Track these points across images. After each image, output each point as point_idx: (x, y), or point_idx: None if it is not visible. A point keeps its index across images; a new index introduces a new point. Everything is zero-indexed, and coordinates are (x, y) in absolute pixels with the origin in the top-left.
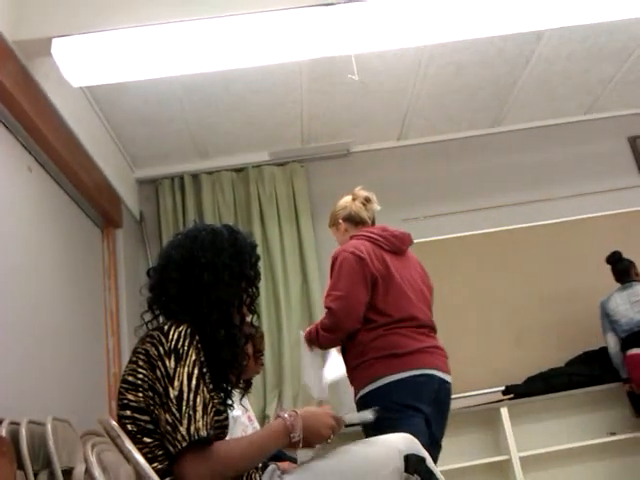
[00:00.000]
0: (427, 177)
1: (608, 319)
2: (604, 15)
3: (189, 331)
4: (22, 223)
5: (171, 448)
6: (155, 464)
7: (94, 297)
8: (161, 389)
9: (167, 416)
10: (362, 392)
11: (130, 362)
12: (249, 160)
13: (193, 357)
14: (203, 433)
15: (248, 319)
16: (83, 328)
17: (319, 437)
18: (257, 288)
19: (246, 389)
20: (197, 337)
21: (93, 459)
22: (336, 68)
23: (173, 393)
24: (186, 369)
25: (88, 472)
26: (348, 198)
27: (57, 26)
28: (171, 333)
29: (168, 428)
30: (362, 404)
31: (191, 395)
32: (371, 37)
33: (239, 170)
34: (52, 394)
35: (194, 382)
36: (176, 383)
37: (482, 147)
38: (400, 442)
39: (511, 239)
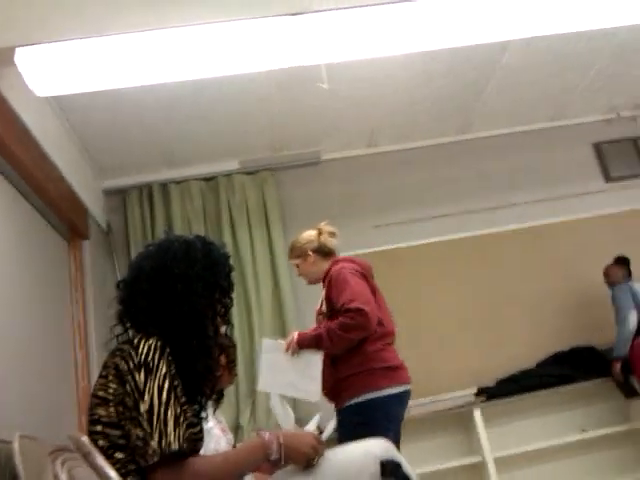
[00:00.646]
0: (398, 184)
1: (635, 299)
2: (568, 26)
3: (159, 344)
4: None
5: (143, 462)
6: (128, 479)
7: (61, 310)
8: (131, 403)
9: (138, 431)
10: (358, 399)
11: (100, 377)
12: (219, 169)
13: (163, 370)
14: (175, 447)
15: (222, 330)
16: (50, 342)
17: (301, 455)
18: (231, 299)
19: (218, 400)
20: (167, 350)
21: (64, 476)
22: (306, 77)
23: (144, 407)
24: (156, 382)
25: None
26: (313, 232)
27: (20, 35)
28: (141, 346)
29: (139, 443)
30: (354, 411)
31: (162, 409)
32: (340, 46)
33: (209, 179)
34: (19, 410)
35: (165, 395)
36: (146, 397)
37: (451, 154)
38: (376, 447)
39: (479, 244)
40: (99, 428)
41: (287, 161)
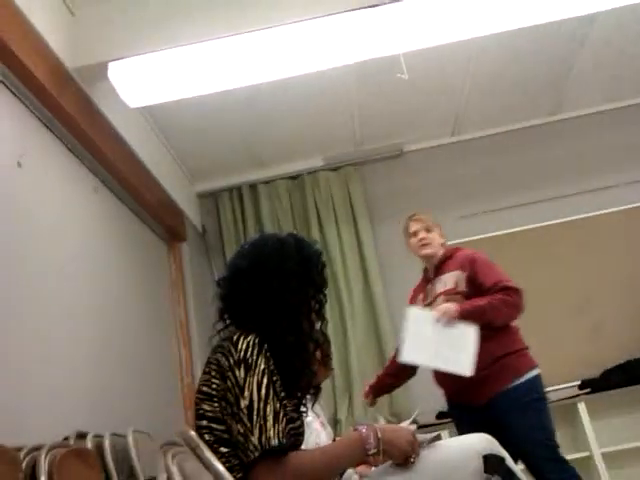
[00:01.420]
0: (484, 172)
1: None
2: None
3: (257, 340)
4: (90, 242)
5: (244, 458)
6: (233, 474)
7: (164, 310)
8: (232, 399)
9: (239, 426)
10: (527, 376)
11: (204, 373)
12: (304, 167)
13: (262, 366)
14: (274, 442)
15: (317, 326)
16: (155, 341)
17: (400, 451)
18: (325, 295)
19: (316, 395)
20: (265, 346)
21: (174, 469)
22: (384, 68)
23: (244, 403)
24: (255, 378)
25: None
26: None
27: (112, 50)
28: (240, 343)
29: (240, 438)
30: (527, 387)
31: (261, 404)
32: (418, 35)
33: (294, 177)
34: (130, 408)
35: (264, 391)
36: (246, 393)
37: (540, 137)
38: (477, 443)
39: (582, 228)
40: (204, 423)
41: (370, 155)
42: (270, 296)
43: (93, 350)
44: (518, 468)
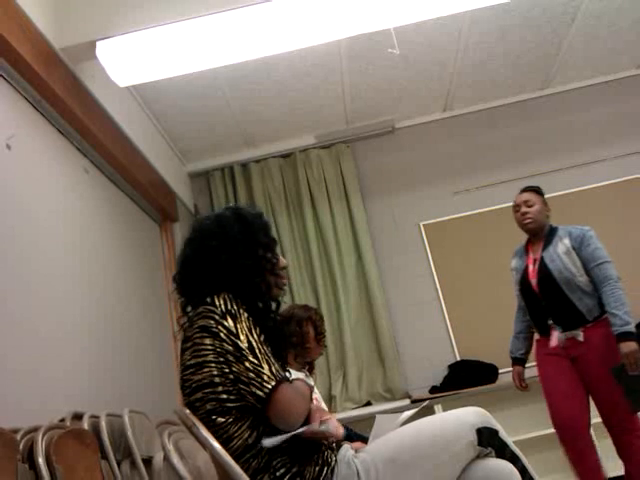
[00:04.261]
0: (476, 147)
1: None
2: None
3: (231, 296)
4: (82, 223)
5: (260, 392)
6: (232, 443)
7: (158, 290)
8: (231, 347)
9: (247, 364)
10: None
11: (185, 350)
12: (295, 145)
13: (245, 314)
14: (283, 373)
15: (275, 284)
16: (150, 321)
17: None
18: (275, 253)
19: (310, 371)
20: (239, 300)
21: (171, 447)
22: (374, 44)
23: (244, 345)
24: (245, 324)
25: (167, 459)
26: None
27: (99, 29)
28: (216, 301)
29: (251, 375)
30: None
31: (259, 345)
32: (409, 8)
33: (286, 156)
34: (125, 388)
35: (255, 335)
36: (242, 337)
37: (532, 111)
38: (472, 416)
39: (574, 202)
40: (199, 395)
41: (361, 132)
42: (224, 269)
43: (86, 332)
44: (511, 441)
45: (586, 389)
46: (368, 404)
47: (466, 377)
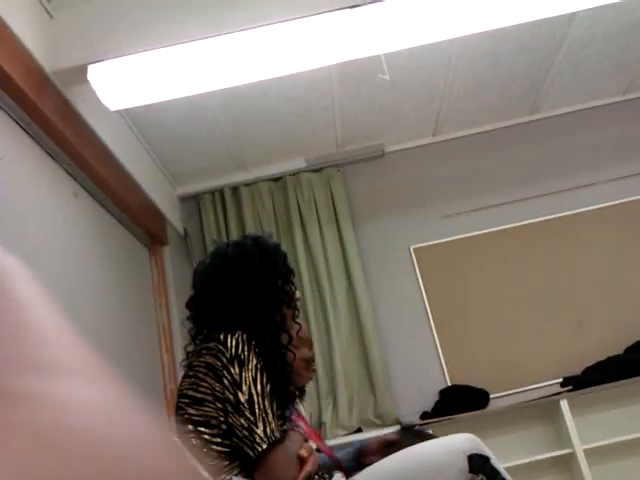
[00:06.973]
0: (465, 171)
1: None
2: None
3: (245, 337)
4: (71, 247)
5: (251, 452)
6: (221, 476)
7: (146, 315)
8: (231, 397)
9: (242, 420)
10: None
11: (187, 377)
12: (286, 168)
13: (254, 362)
14: (277, 434)
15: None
16: (138, 346)
17: None
18: (293, 283)
19: (301, 397)
20: (253, 342)
21: None
22: (365, 69)
23: (244, 397)
24: (250, 374)
25: None
26: None
27: (91, 53)
28: (229, 341)
29: (245, 432)
30: None
31: (260, 399)
32: (399, 35)
33: (277, 179)
34: None
35: (259, 387)
36: (244, 388)
37: (521, 135)
38: (463, 442)
39: (561, 227)
40: (190, 427)
41: (352, 156)
42: (245, 298)
43: None
44: (502, 467)
45: None
46: (359, 430)
47: (457, 402)
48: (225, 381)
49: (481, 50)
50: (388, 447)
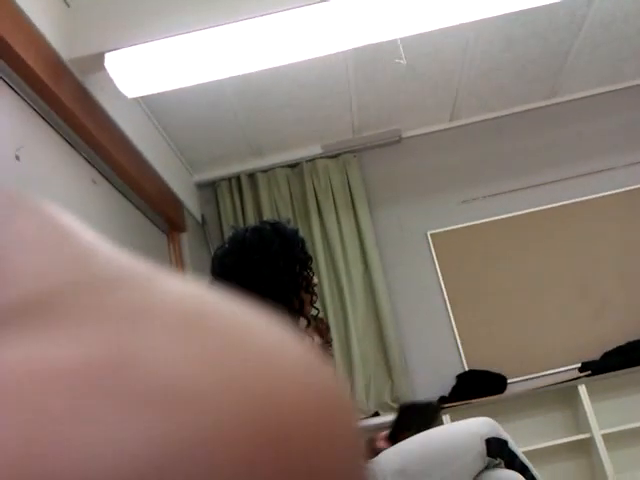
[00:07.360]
0: (483, 156)
1: None
2: None
3: None
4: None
5: None
6: None
7: None
8: None
9: None
10: None
11: None
12: (302, 155)
13: None
14: None
15: (308, 301)
16: None
17: None
18: (311, 269)
19: None
20: None
21: None
22: (381, 54)
23: None
24: None
25: None
26: None
27: (108, 40)
28: None
29: None
30: None
31: None
32: (415, 19)
33: (293, 166)
34: None
35: None
36: None
37: (539, 120)
38: (481, 426)
39: (580, 212)
40: None
41: (368, 142)
42: (264, 283)
43: None
44: (521, 451)
45: None
46: (376, 414)
47: (474, 387)
48: None
49: (498, 34)
50: (391, 432)
